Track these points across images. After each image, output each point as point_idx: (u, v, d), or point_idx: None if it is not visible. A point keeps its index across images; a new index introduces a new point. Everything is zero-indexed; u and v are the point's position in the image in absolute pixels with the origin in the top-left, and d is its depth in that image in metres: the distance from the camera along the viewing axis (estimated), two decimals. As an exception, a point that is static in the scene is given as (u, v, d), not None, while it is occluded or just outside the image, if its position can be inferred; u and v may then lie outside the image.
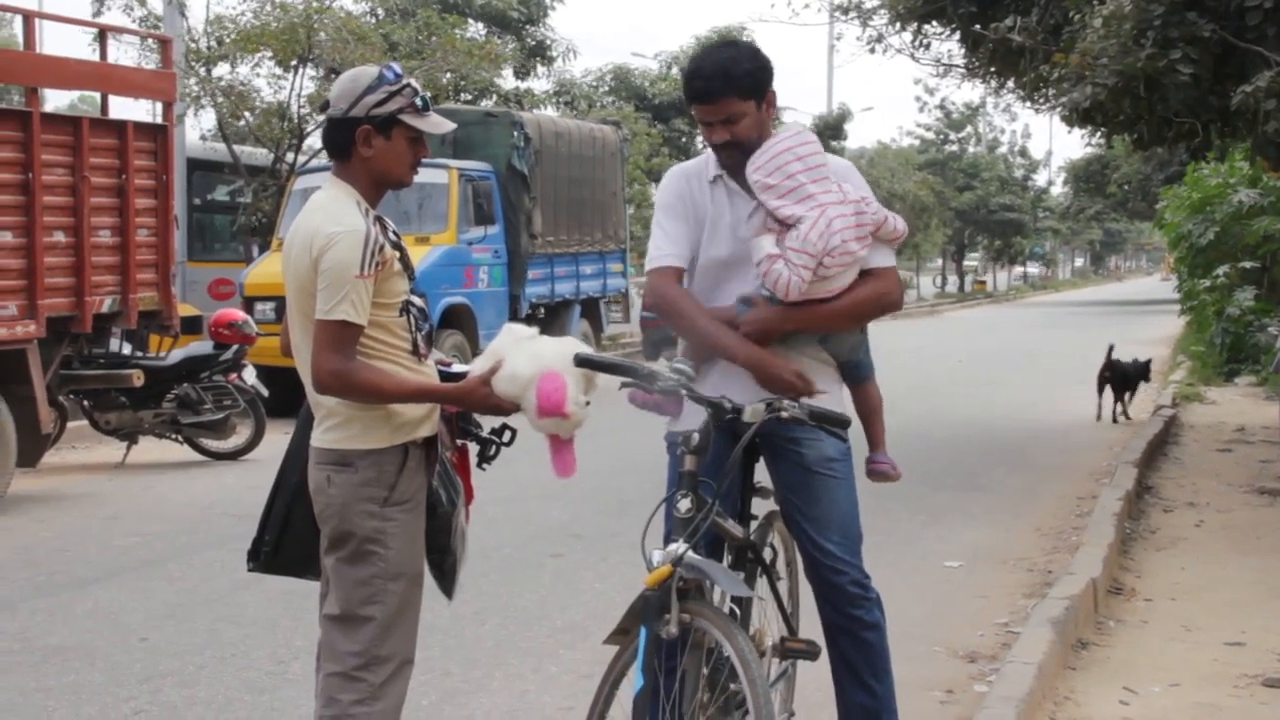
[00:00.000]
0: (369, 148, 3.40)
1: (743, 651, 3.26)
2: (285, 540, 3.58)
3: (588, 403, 3.39)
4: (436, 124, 3.47)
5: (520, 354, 3.36)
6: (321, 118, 3.54)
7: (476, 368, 3.43)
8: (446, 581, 3.64)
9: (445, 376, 3.58)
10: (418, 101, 3.41)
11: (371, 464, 3.36)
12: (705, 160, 3.83)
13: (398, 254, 3.43)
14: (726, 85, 3.63)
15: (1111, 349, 13.70)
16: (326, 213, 3.35)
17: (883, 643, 3.80)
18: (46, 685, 5.32)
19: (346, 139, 3.40)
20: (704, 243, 3.75)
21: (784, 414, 3.38)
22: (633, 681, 3.35)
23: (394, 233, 3.49)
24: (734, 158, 3.69)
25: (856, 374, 3.91)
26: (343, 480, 3.36)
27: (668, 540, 3.36)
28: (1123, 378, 13.55)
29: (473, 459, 3.65)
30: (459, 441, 3.62)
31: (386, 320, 3.38)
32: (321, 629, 3.46)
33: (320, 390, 3.34)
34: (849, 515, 3.77)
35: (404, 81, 3.40)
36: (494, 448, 3.57)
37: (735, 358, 3.60)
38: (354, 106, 3.38)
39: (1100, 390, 13.55)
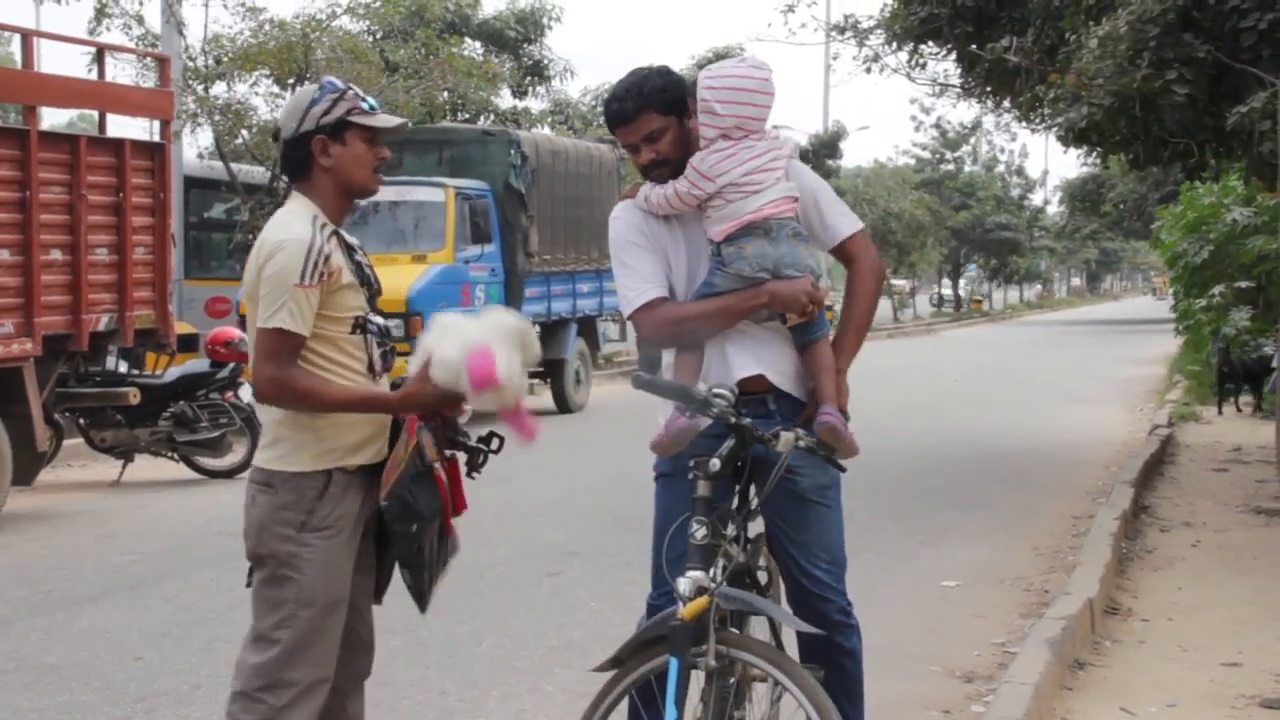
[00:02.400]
0: (327, 157, 3.41)
1: (805, 680, 3.24)
2: None
3: (526, 371, 3.39)
4: (386, 120, 3.49)
5: (446, 339, 3.36)
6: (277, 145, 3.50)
7: (412, 368, 3.41)
8: (417, 597, 3.56)
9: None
10: (363, 104, 3.43)
11: (291, 487, 3.34)
12: (643, 189, 3.78)
13: (354, 269, 3.41)
14: (641, 102, 3.64)
15: (1226, 348, 14.71)
16: (278, 223, 3.39)
17: (859, 670, 3.77)
18: (41, 705, 5.31)
19: (303, 155, 3.42)
20: (671, 271, 3.74)
21: (801, 443, 3.39)
22: (623, 712, 3.35)
23: (360, 250, 3.48)
24: (665, 176, 3.69)
25: (811, 330, 3.72)
26: (264, 501, 3.36)
27: (666, 568, 3.33)
28: (1244, 371, 14.29)
29: (462, 469, 3.59)
30: (448, 452, 3.57)
31: (335, 335, 3.36)
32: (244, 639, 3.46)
33: (260, 399, 3.35)
34: (837, 542, 3.75)
35: (345, 87, 3.44)
36: (482, 456, 3.54)
37: (777, 299, 3.61)
38: (303, 122, 3.40)
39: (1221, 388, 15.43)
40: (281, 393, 3.30)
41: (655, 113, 3.65)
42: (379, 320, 3.48)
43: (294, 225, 3.34)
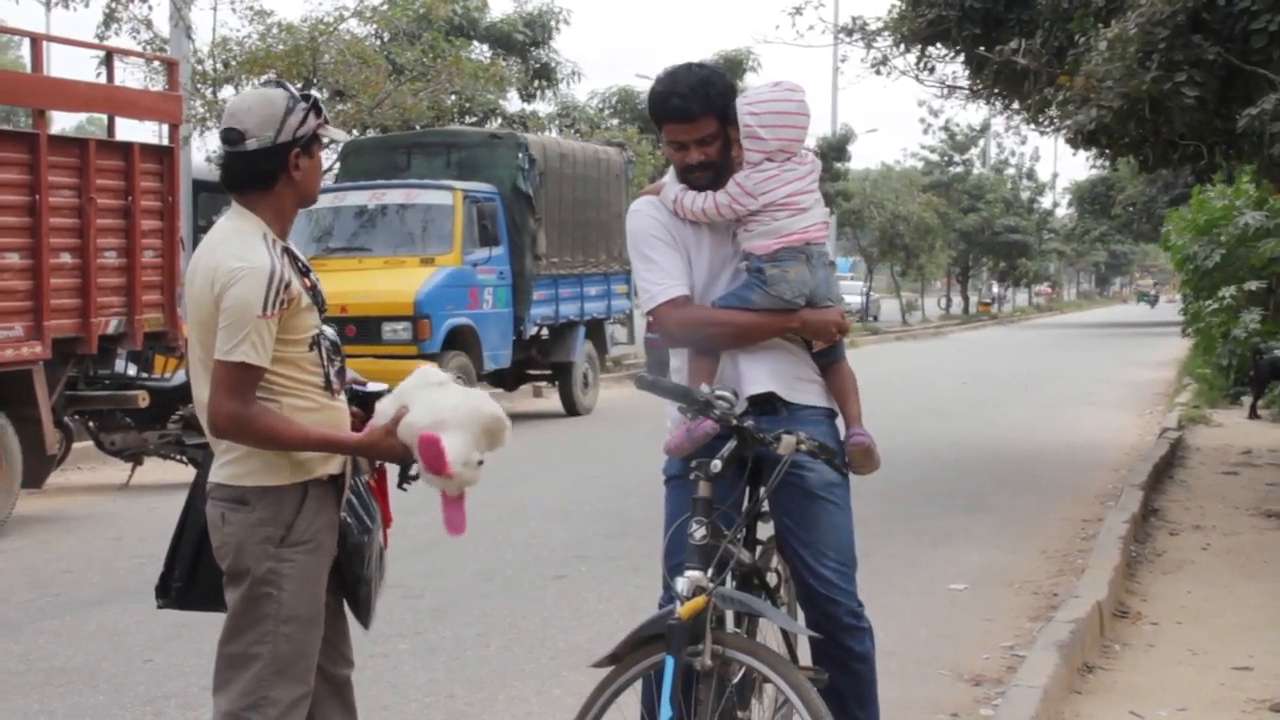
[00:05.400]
0: (298, 170, 3.32)
1: (800, 685, 3.24)
2: (197, 575, 3.48)
3: (481, 461, 3.29)
4: (336, 132, 3.47)
5: (421, 402, 3.27)
6: (223, 149, 3.39)
7: (383, 410, 3.34)
8: (362, 612, 3.52)
9: (360, 395, 3.50)
10: (324, 115, 3.38)
11: (269, 503, 3.26)
12: (668, 185, 3.79)
13: (308, 284, 3.34)
14: (705, 104, 3.64)
15: (1257, 350, 14.76)
16: (229, 247, 3.25)
17: (872, 673, 3.76)
18: (50, 707, 5.31)
19: (277, 167, 3.30)
20: (690, 271, 3.75)
21: (803, 446, 3.40)
22: (621, 707, 3.35)
23: (304, 264, 3.40)
24: (705, 180, 3.69)
25: (831, 353, 3.85)
26: (238, 519, 3.27)
27: (678, 569, 3.34)
28: (1274, 372, 14.66)
29: (392, 481, 3.54)
30: (377, 463, 3.52)
31: (295, 356, 3.28)
32: (216, 658, 3.37)
33: (216, 434, 3.25)
34: (846, 542, 3.74)
35: (312, 97, 3.36)
36: (415, 468, 3.43)
37: (808, 327, 3.71)
38: (281, 131, 3.28)
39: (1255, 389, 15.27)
40: (241, 430, 3.20)
41: (715, 117, 3.66)
42: (330, 334, 3.41)
43: (248, 250, 3.23)
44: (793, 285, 3.66)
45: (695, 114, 3.64)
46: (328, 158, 13.10)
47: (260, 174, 3.32)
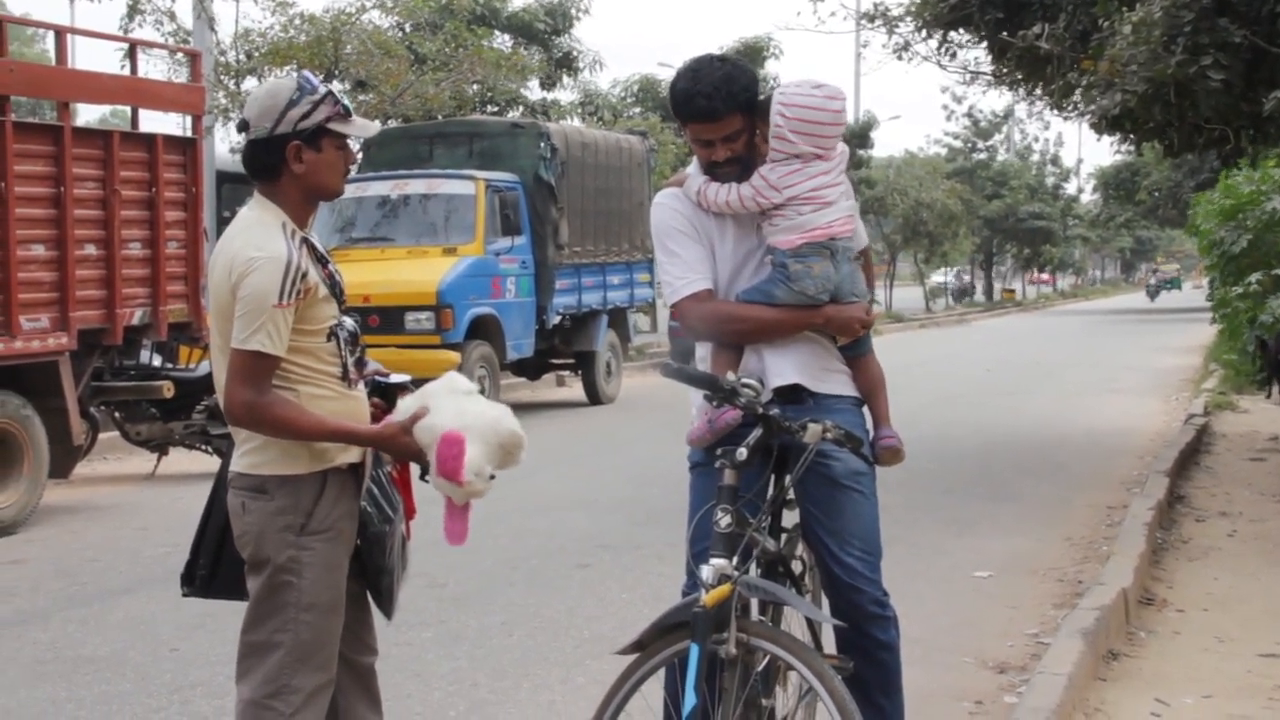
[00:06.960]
0: (300, 164, 3.30)
1: (824, 673, 3.24)
2: (221, 563, 3.50)
3: (492, 476, 3.29)
4: (363, 127, 3.43)
5: (446, 406, 3.28)
6: (240, 139, 3.40)
7: (404, 408, 3.35)
8: (384, 602, 3.53)
9: (381, 387, 3.51)
10: (341, 108, 3.33)
11: (288, 491, 3.28)
12: (692, 177, 3.78)
13: (326, 274, 3.34)
14: (731, 103, 3.62)
15: (1265, 339, 14.77)
16: (248, 236, 3.27)
17: (896, 662, 3.75)
18: (78, 695, 5.36)
19: (275, 159, 3.30)
20: (714, 264, 3.75)
21: (828, 435, 3.39)
22: (645, 695, 3.35)
23: (324, 254, 3.40)
24: (733, 175, 3.69)
25: (857, 347, 3.84)
26: (258, 507, 3.29)
27: (702, 556, 3.34)
28: None
29: (415, 472, 3.54)
30: None
31: (312, 346, 3.30)
32: (239, 647, 3.39)
33: (231, 422, 3.27)
34: (872, 530, 3.74)
35: (326, 89, 3.33)
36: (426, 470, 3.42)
37: (833, 323, 3.71)
38: (279, 123, 3.27)
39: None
40: (255, 418, 3.22)
41: (740, 114, 3.65)
42: (349, 324, 3.42)
43: (266, 239, 3.24)
44: (816, 281, 3.65)
45: (721, 113, 3.62)
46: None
47: (264, 165, 3.33)
